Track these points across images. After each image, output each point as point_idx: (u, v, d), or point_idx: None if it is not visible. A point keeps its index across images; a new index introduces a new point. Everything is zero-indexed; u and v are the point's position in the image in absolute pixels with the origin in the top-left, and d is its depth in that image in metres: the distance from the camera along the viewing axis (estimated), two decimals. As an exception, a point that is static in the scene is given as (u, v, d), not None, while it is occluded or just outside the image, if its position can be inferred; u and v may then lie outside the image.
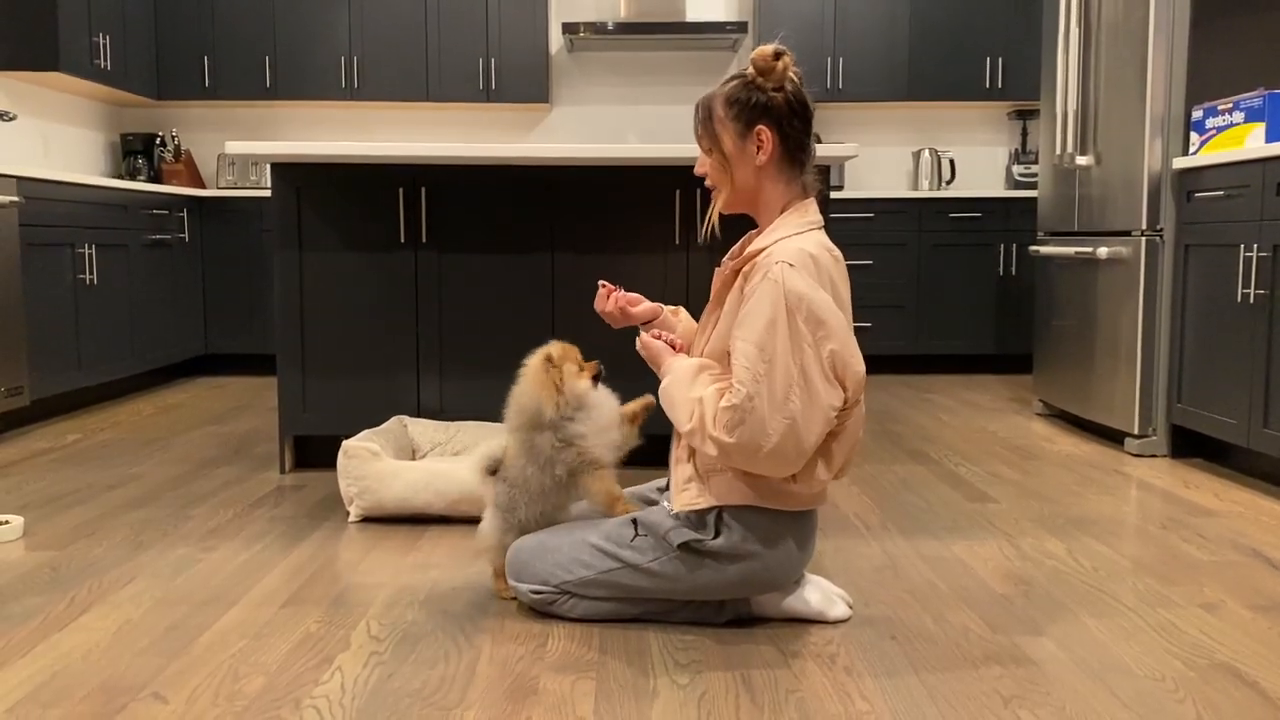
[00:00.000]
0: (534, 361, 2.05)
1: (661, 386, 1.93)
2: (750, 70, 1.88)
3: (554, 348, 2.05)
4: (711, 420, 1.79)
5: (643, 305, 2.16)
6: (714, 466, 1.87)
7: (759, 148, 1.88)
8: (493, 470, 2.09)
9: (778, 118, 1.87)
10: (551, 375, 2.01)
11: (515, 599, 2.06)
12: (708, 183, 1.97)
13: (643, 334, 2.05)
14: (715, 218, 1.99)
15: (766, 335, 1.76)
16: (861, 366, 1.82)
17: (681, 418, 1.86)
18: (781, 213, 1.91)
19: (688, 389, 1.87)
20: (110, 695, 1.66)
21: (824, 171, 3.14)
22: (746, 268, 1.87)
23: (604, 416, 2.05)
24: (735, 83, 1.90)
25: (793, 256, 1.79)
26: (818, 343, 1.76)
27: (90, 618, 2.00)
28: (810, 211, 1.92)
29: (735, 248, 2.00)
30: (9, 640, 1.89)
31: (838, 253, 1.90)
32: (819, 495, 1.92)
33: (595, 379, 2.05)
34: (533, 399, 2.02)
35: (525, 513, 2.06)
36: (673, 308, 2.21)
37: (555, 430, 2.00)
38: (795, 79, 1.89)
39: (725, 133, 1.90)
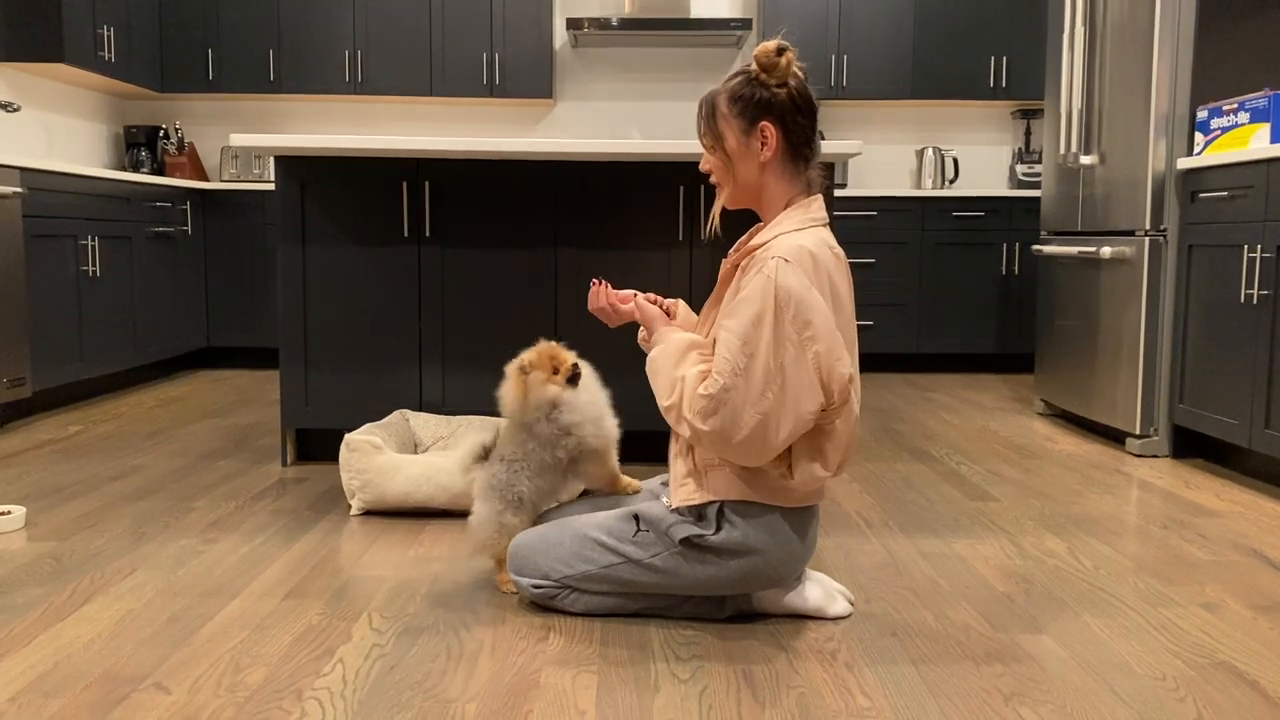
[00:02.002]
0: (510, 369, 2.10)
1: (650, 355, 1.94)
2: (753, 66, 1.88)
3: (529, 354, 2.09)
4: (688, 403, 1.81)
5: (633, 303, 2.13)
6: (712, 462, 1.88)
7: (763, 144, 1.88)
8: (484, 456, 2.12)
9: (781, 114, 1.87)
10: (520, 383, 2.07)
11: (517, 592, 2.07)
12: (712, 179, 1.98)
13: (639, 297, 2.05)
14: (717, 214, 2.00)
15: (752, 329, 1.76)
16: (847, 369, 1.81)
17: (662, 391, 1.87)
18: (785, 209, 1.91)
19: (674, 365, 1.87)
20: (112, 685, 1.67)
21: (828, 169, 3.14)
22: (745, 261, 1.87)
23: (593, 407, 2.08)
24: (739, 79, 1.89)
25: (790, 253, 1.79)
26: (803, 343, 1.76)
27: (92, 608, 2.01)
28: (813, 208, 1.91)
29: (740, 241, 2.00)
30: (11, 630, 1.89)
31: (840, 250, 1.90)
32: (817, 492, 1.92)
33: (571, 380, 2.07)
34: (509, 404, 2.09)
35: (528, 486, 2.08)
36: (671, 300, 2.19)
37: (550, 423, 2.05)
38: (799, 75, 1.89)
39: (729, 130, 1.90)
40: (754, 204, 1.96)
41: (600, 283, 2.11)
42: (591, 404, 2.09)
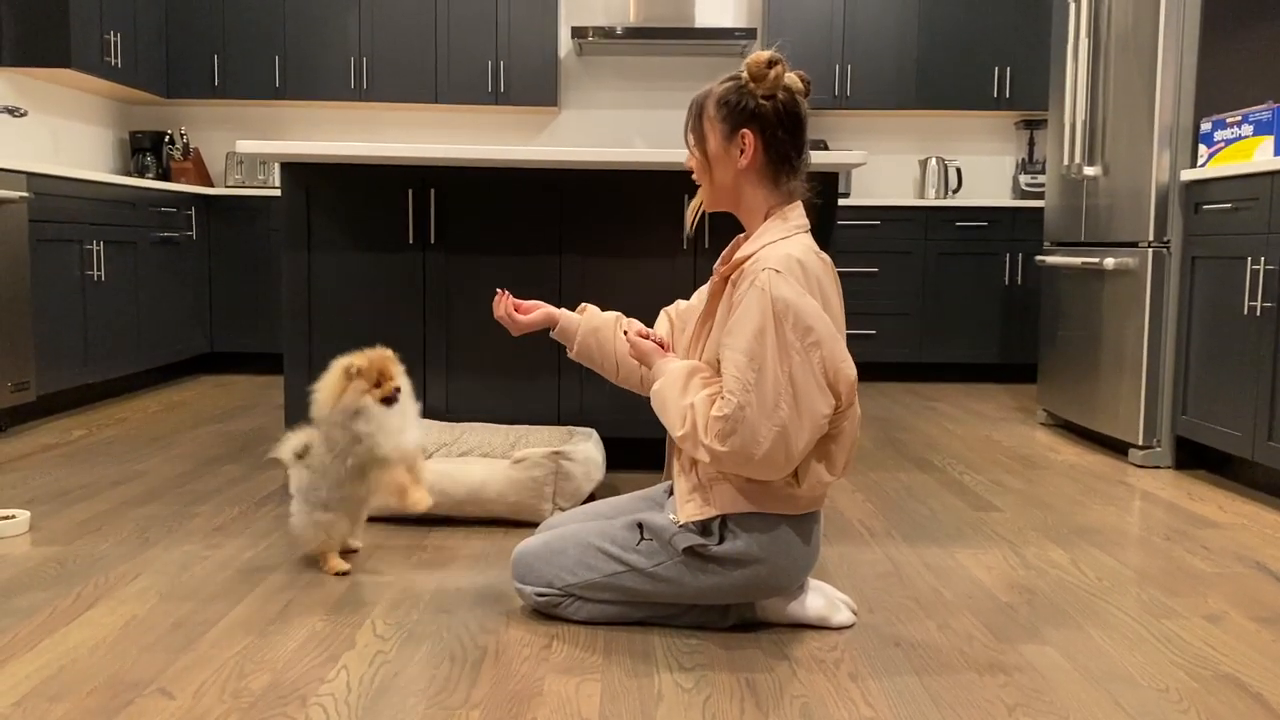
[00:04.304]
0: (337, 364, 2.21)
1: (653, 389, 1.94)
2: (744, 74, 1.89)
3: (361, 359, 2.19)
4: (704, 429, 1.80)
5: (534, 313, 2.16)
6: (715, 476, 1.88)
7: (741, 151, 1.89)
8: (301, 455, 2.25)
9: (764, 125, 1.87)
10: (340, 384, 2.18)
11: (348, 573, 2.25)
12: (694, 177, 1.99)
13: (629, 333, 2.07)
14: (692, 211, 2.04)
15: (755, 344, 1.77)
16: (852, 370, 1.83)
17: (674, 422, 1.86)
18: (766, 218, 1.92)
19: (680, 394, 1.87)
20: (117, 690, 1.67)
21: (831, 179, 3.15)
22: (734, 275, 1.88)
23: (394, 422, 2.20)
24: (729, 84, 1.90)
25: (779, 263, 1.80)
26: (806, 349, 1.77)
27: (96, 613, 2.01)
28: (794, 215, 1.91)
29: (724, 254, 2.01)
30: (16, 634, 1.90)
31: (826, 257, 1.91)
32: (819, 498, 1.92)
33: (387, 401, 2.18)
34: (322, 399, 2.20)
35: (326, 494, 2.22)
36: (581, 306, 2.22)
37: (344, 430, 2.18)
38: (792, 87, 1.89)
39: (712, 132, 1.91)
40: (732, 208, 1.97)
41: (503, 293, 2.16)
42: (393, 416, 2.20)
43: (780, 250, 1.83)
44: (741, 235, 1.99)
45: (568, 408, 3.24)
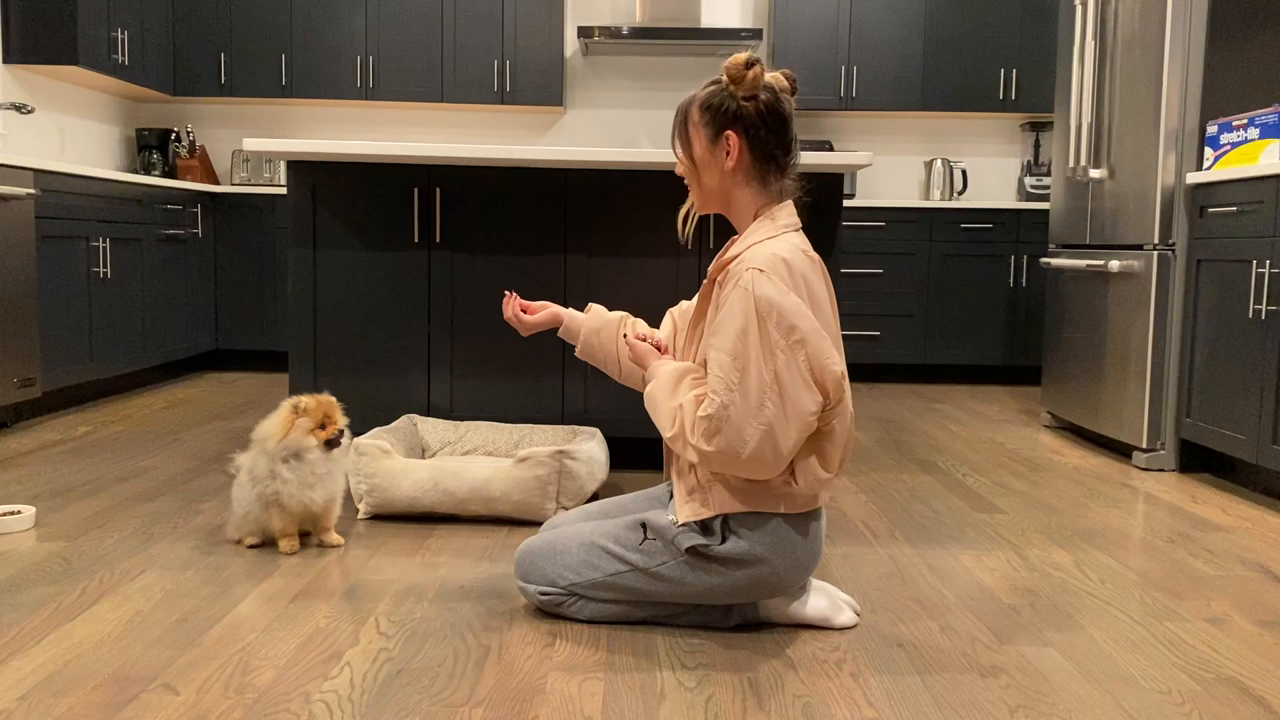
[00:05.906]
0: (286, 402, 2.37)
1: (646, 391, 1.96)
2: (724, 78, 1.90)
3: (309, 400, 2.36)
4: (690, 428, 1.82)
5: (541, 313, 2.21)
6: (714, 477, 1.88)
7: (727, 154, 1.90)
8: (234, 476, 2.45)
9: (747, 126, 1.89)
10: (288, 421, 2.34)
11: (258, 547, 2.41)
12: (686, 182, 2.01)
13: (629, 335, 2.08)
14: (683, 216, 2.07)
15: (739, 343, 1.78)
16: (838, 367, 1.83)
17: (664, 423, 1.88)
18: (755, 219, 1.93)
19: (670, 396, 1.88)
20: (122, 685, 1.68)
21: (836, 180, 3.15)
22: (721, 276, 1.90)
23: (313, 475, 2.35)
24: (711, 88, 1.93)
25: (763, 262, 1.81)
26: (791, 348, 1.78)
27: (101, 608, 2.02)
28: (782, 215, 1.93)
29: (717, 256, 2.02)
30: (21, 629, 1.91)
31: (815, 255, 1.92)
32: (819, 495, 1.93)
33: (329, 443, 2.36)
34: (264, 430, 2.36)
35: (237, 507, 2.41)
36: (588, 306, 2.25)
37: (272, 462, 2.33)
38: (775, 85, 1.90)
39: (697, 137, 1.93)
40: (723, 209, 1.99)
41: (511, 295, 2.20)
42: (315, 473, 2.34)
43: (766, 250, 1.84)
44: (735, 237, 2.00)
45: (572, 407, 3.24)
